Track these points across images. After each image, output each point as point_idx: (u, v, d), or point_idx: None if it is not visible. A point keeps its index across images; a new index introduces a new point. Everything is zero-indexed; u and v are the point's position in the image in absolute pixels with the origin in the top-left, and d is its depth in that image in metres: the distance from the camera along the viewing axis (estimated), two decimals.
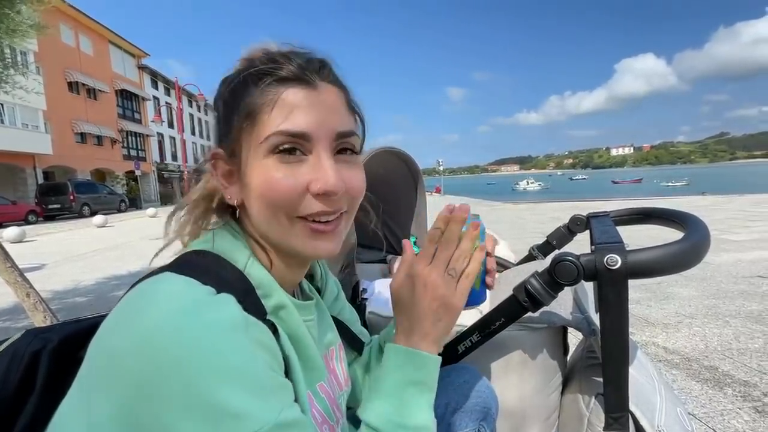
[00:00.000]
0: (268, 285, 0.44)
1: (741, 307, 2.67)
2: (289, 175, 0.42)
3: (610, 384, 0.59)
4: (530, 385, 0.74)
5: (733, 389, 1.73)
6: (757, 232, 5.36)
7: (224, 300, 0.36)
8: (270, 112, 0.41)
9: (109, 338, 0.35)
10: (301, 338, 0.45)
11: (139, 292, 0.37)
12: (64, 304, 3.67)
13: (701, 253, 0.54)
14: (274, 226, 0.43)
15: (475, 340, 0.68)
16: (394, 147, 1.15)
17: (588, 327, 0.71)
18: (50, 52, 18.88)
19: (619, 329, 0.56)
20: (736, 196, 11.95)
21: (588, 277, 0.56)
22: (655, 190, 29.94)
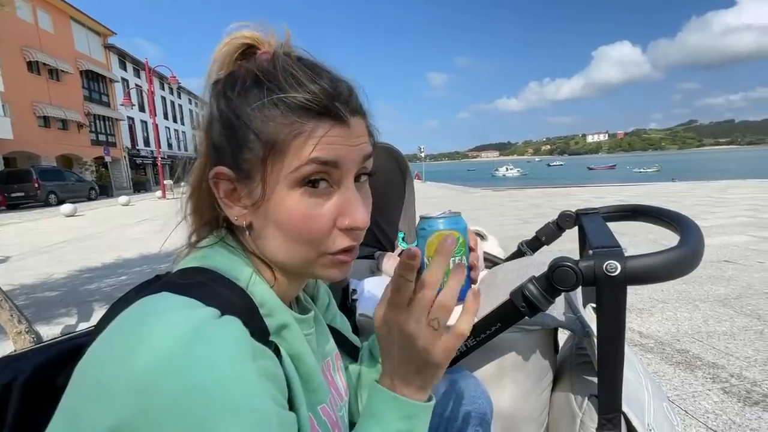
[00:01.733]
0: (272, 303, 0.41)
1: (709, 291, 2.80)
2: (318, 211, 0.40)
3: (605, 387, 0.60)
4: (523, 386, 0.74)
5: (702, 371, 1.82)
6: (723, 217, 5.62)
7: (230, 326, 0.33)
8: (300, 144, 0.39)
9: (100, 369, 0.31)
10: (303, 358, 0.43)
11: (135, 316, 0.33)
12: (33, 299, 3.50)
13: (698, 259, 0.55)
14: (295, 257, 0.42)
15: (469, 345, 0.68)
16: (382, 141, 1.12)
17: (582, 328, 0.72)
18: (5, 28, 17.61)
19: (616, 334, 0.56)
20: (704, 182, 12.50)
21: (586, 283, 0.55)
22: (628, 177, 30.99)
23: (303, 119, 0.39)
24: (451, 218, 0.53)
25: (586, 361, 0.76)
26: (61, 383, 0.38)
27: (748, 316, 2.35)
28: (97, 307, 3.19)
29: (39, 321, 2.87)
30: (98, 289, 3.71)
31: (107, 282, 3.89)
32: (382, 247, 1.29)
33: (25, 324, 2.19)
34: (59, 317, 2.99)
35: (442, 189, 15.66)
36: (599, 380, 0.60)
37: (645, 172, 43.48)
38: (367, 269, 1.23)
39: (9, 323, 2.15)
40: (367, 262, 1.25)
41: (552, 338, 0.79)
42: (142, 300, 0.34)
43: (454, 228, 0.52)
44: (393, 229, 1.25)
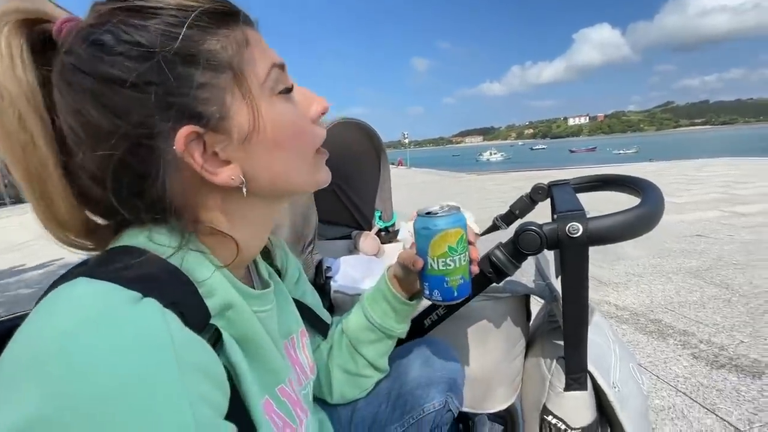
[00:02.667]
0: (212, 282, 0.36)
1: (682, 264, 2.91)
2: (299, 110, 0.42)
3: (570, 347, 0.61)
4: (495, 353, 0.75)
5: (674, 339, 1.89)
6: (698, 194, 5.81)
7: (147, 312, 0.28)
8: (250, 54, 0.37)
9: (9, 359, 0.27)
10: (253, 339, 0.39)
11: (47, 303, 0.29)
12: (6, 297, 3.39)
13: (656, 217, 0.56)
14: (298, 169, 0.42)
15: (441, 314, 0.68)
16: (353, 118, 1.10)
17: (550, 293, 0.73)
18: None
19: (579, 295, 0.57)
20: (680, 162, 12.85)
21: (551, 246, 0.56)
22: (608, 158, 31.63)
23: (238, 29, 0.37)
24: (454, 215, 0.53)
25: (557, 327, 0.78)
26: None
27: (717, 286, 2.45)
28: None
29: None
30: None
31: None
32: (359, 226, 1.29)
33: None
34: None
35: (428, 175, 15.69)
36: (565, 341, 0.61)
37: (624, 153, 44.42)
38: (345, 249, 1.22)
39: None
40: (344, 243, 1.24)
41: (524, 306, 0.80)
42: (57, 288, 0.30)
43: (458, 225, 0.53)
44: (369, 207, 1.24)
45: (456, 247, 0.53)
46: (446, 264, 0.53)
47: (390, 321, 0.62)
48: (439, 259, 0.53)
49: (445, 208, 0.54)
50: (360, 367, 0.62)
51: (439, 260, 0.53)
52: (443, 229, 0.52)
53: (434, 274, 0.54)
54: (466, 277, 0.55)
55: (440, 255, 0.53)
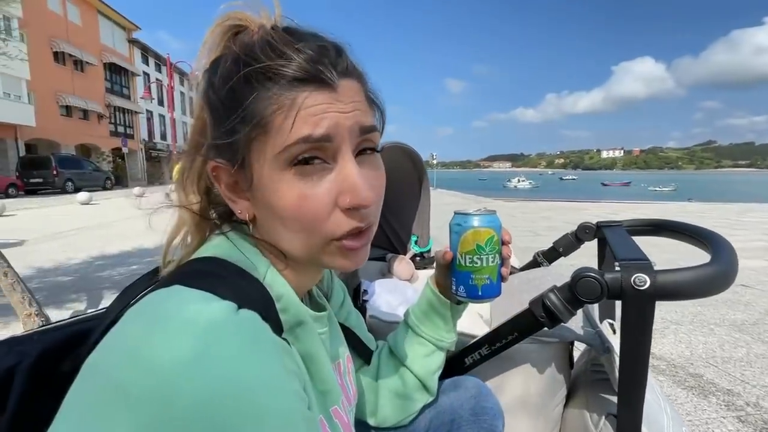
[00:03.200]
0: (288, 298, 0.39)
1: (725, 315, 2.72)
2: (313, 192, 0.37)
3: (625, 406, 0.57)
4: (536, 399, 0.71)
5: (717, 398, 1.75)
6: (740, 240, 5.48)
7: (251, 322, 0.31)
8: (285, 119, 0.35)
9: (113, 368, 0.28)
10: (316, 358, 0.41)
11: (147, 311, 0.31)
12: (45, 283, 3.56)
13: (731, 277, 0.52)
14: (299, 245, 0.39)
15: (483, 353, 0.66)
16: (400, 142, 1.10)
17: (601, 344, 0.69)
18: (35, 19, 18.11)
19: (640, 352, 0.53)
20: (721, 204, 12.22)
21: (612, 296, 0.53)
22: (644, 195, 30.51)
23: (283, 90, 0.35)
24: (487, 216, 0.55)
25: (603, 378, 0.73)
26: (67, 369, 0.36)
27: (765, 343, 2.27)
28: (107, 294, 3.22)
29: (50, 305, 2.91)
30: (109, 276, 3.76)
31: (118, 270, 3.94)
32: (394, 250, 1.28)
33: (36, 307, 2.22)
34: (70, 302, 3.03)
35: (454, 197, 15.60)
36: (619, 400, 0.57)
37: (660, 190, 42.75)
38: (378, 271, 1.21)
39: (20, 305, 2.18)
40: (378, 264, 1.23)
41: (567, 352, 0.77)
42: (154, 294, 0.32)
43: (490, 226, 0.54)
44: (406, 231, 1.23)
45: (484, 246, 0.54)
46: (473, 261, 0.54)
47: (438, 329, 0.62)
48: (467, 256, 0.54)
49: (482, 210, 0.56)
50: (409, 389, 0.61)
51: (467, 256, 0.54)
52: (473, 226, 0.54)
53: (461, 269, 0.55)
54: (494, 279, 0.55)
55: (468, 252, 0.54)
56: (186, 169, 0.42)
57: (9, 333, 2.50)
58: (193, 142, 0.42)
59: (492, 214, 0.55)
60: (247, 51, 0.37)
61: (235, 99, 0.37)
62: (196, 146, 0.42)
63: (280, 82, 0.35)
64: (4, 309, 2.68)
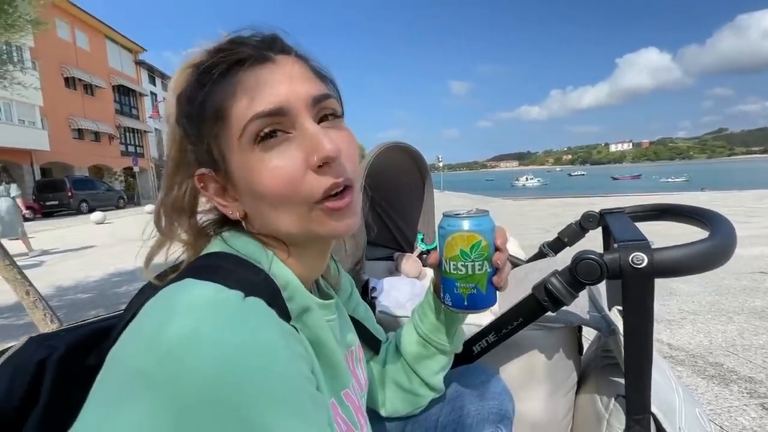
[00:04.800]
0: (294, 286, 0.41)
1: (744, 303, 2.67)
2: (282, 161, 0.38)
3: (632, 386, 0.58)
4: (546, 385, 0.72)
5: (738, 386, 1.72)
6: (758, 227, 5.36)
7: (257, 308, 0.33)
8: (236, 101, 0.38)
9: (133, 356, 0.31)
10: (325, 343, 0.42)
11: (161, 303, 0.34)
12: (65, 301, 3.65)
13: (729, 251, 0.53)
14: (288, 220, 0.40)
15: (491, 341, 0.67)
16: (401, 142, 1.13)
17: (607, 326, 0.70)
18: (46, 47, 18.71)
19: (643, 330, 0.54)
20: (735, 192, 11.96)
21: (612, 276, 0.54)
22: (656, 187, 29.99)
23: (228, 77, 0.38)
24: (475, 218, 0.49)
25: (613, 363, 0.74)
26: (93, 363, 0.39)
27: None
28: None
29: (70, 321, 2.98)
30: (126, 292, 3.84)
31: (134, 285, 4.02)
32: (401, 248, 1.29)
33: (57, 324, 2.28)
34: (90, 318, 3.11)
35: (461, 198, 15.54)
36: (626, 379, 0.58)
37: (673, 181, 41.95)
38: (386, 270, 1.23)
39: (42, 322, 2.25)
40: (386, 263, 1.25)
41: (576, 338, 0.77)
42: (167, 288, 0.35)
43: (476, 230, 0.49)
44: (412, 229, 1.25)
45: (469, 252, 0.49)
46: (457, 269, 0.50)
47: (440, 334, 0.61)
48: (451, 262, 0.50)
49: (472, 211, 0.51)
50: (414, 385, 0.62)
51: (451, 263, 0.50)
52: (457, 230, 0.49)
53: (447, 276, 0.51)
54: (482, 289, 0.50)
55: (452, 258, 0.50)
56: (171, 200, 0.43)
57: None
58: (173, 170, 0.43)
59: (482, 215, 0.50)
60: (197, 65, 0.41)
61: (195, 107, 0.40)
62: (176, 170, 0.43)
63: (224, 72, 0.39)
64: (27, 327, 2.76)
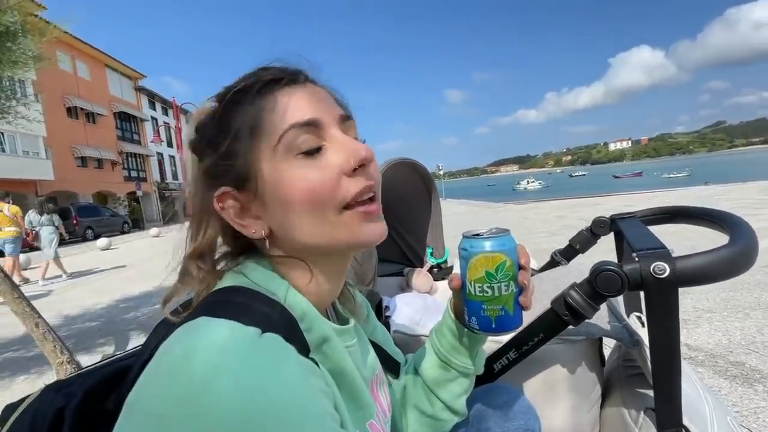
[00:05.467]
0: (311, 315, 0.41)
1: (759, 298, 2.62)
2: (318, 169, 0.40)
3: (662, 398, 0.56)
4: (571, 400, 0.70)
5: (763, 385, 1.68)
6: (766, 219, 5.30)
7: (275, 345, 0.32)
8: (272, 114, 0.40)
9: (151, 400, 0.31)
10: (346, 373, 0.42)
11: (177, 345, 0.33)
12: (73, 330, 3.64)
13: (753, 256, 0.52)
14: (320, 227, 0.41)
15: (512, 358, 0.65)
16: (407, 158, 1.13)
17: (630, 337, 0.68)
18: (48, 79, 19.09)
19: (670, 341, 0.53)
20: (740, 184, 11.88)
21: (633, 287, 0.53)
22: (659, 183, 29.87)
23: (263, 93, 0.41)
24: (498, 238, 0.49)
25: (637, 373, 0.72)
26: (110, 407, 0.38)
27: None
28: (134, 336, 3.28)
29: (80, 350, 2.97)
30: (134, 318, 3.82)
31: (143, 311, 4.01)
32: (410, 263, 1.28)
33: (67, 354, 2.27)
34: (99, 346, 3.09)
35: (464, 205, 15.52)
36: (655, 392, 0.56)
37: (675, 177, 41.78)
38: (397, 286, 1.22)
39: (52, 354, 2.24)
40: (396, 279, 1.24)
41: (597, 349, 0.76)
42: (182, 327, 0.34)
43: (500, 250, 0.48)
44: (421, 244, 1.24)
45: (495, 274, 0.48)
46: (483, 291, 0.49)
47: (461, 356, 0.59)
48: (476, 284, 0.49)
49: (493, 230, 0.51)
50: (436, 410, 0.60)
51: (476, 285, 0.49)
52: (480, 252, 0.48)
53: (472, 299, 0.50)
54: (510, 310, 0.49)
55: (477, 279, 0.49)
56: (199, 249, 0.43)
57: (45, 381, 2.55)
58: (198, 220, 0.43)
59: (504, 234, 0.49)
60: (230, 87, 0.43)
61: (226, 126, 0.41)
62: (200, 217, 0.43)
63: (260, 90, 0.41)
64: (38, 359, 2.75)
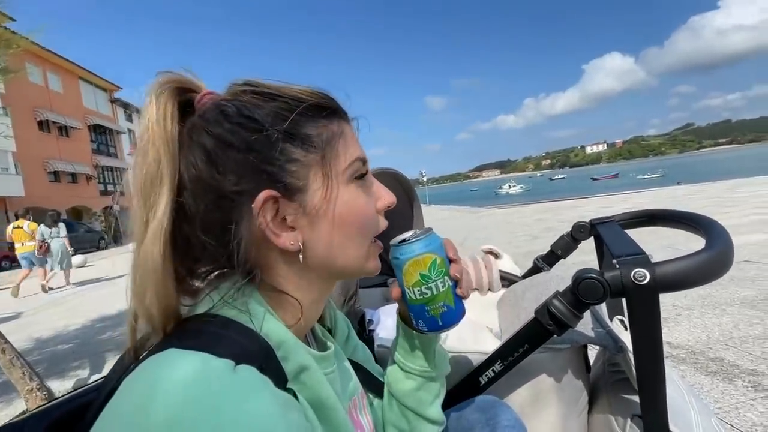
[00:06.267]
0: (289, 344, 0.38)
1: (735, 294, 2.71)
2: (368, 199, 0.45)
3: (648, 405, 0.56)
4: (558, 409, 0.69)
5: (742, 380, 1.72)
6: (736, 217, 5.52)
7: (250, 379, 0.30)
8: (341, 142, 0.43)
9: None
10: (325, 403, 0.39)
11: (142, 379, 0.31)
12: (45, 353, 3.47)
13: (730, 259, 0.52)
14: (359, 251, 0.45)
15: (497, 370, 0.64)
16: (387, 168, 1.12)
17: (614, 343, 0.68)
18: (18, 92, 18.47)
19: (653, 347, 0.52)
20: (710, 183, 12.38)
21: (615, 295, 0.53)
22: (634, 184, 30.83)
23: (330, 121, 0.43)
24: (423, 239, 0.50)
25: (622, 379, 0.72)
26: None
27: None
28: (110, 357, 3.14)
29: (52, 375, 2.83)
30: (110, 338, 3.67)
31: (119, 331, 3.86)
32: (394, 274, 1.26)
33: (37, 381, 2.15)
34: (72, 370, 2.95)
35: (448, 211, 15.66)
36: (641, 399, 0.56)
37: (649, 178, 43.29)
38: (381, 297, 1.20)
39: (21, 381, 2.12)
40: (380, 290, 1.22)
41: (582, 356, 0.75)
42: (149, 360, 0.32)
43: (428, 250, 0.49)
44: None
45: (429, 274, 0.49)
46: (422, 293, 0.50)
47: (419, 360, 0.58)
48: (414, 288, 0.50)
49: (417, 233, 0.52)
50: (411, 423, 0.58)
51: (414, 289, 0.50)
52: (411, 255, 0.49)
53: (414, 303, 0.51)
54: (451, 304, 0.51)
55: (414, 284, 0.50)
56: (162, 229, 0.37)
57: (12, 411, 2.41)
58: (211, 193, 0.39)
59: (428, 235, 0.51)
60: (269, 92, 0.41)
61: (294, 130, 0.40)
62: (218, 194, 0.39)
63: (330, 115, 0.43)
64: (5, 386, 2.59)
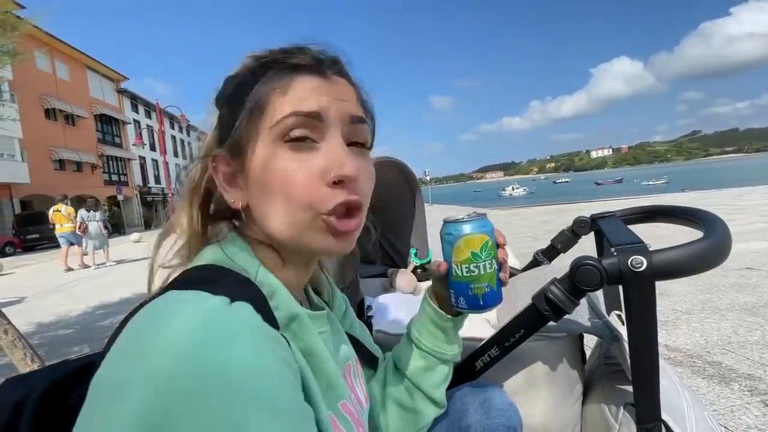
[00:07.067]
0: (281, 295, 0.40)
1: (735, 299, 2.70)
2: (303, 165, 0.39)
3: (641, 393, 0.56)
4: (552, 398, 0.70)
5: (739, 384, 1.72)
6: (740, 224, 5.49)
7: (243, 312, 0.32)
8: (281, 97, 0.40)
9: (112, 371, 0.30)
10: (316, 353, 0.41)
11: (142, 316, 0.32)
12: (46, 338, 3.50)
13: (727, 248, 0.52)
14: (289, 222, 0.40)
15: (493, 355, 0.65)
16: (390, 156, 1.12)
17: (610, 333, 0.68)
18: (25, 79, 18.54)
19: (648, 334, 0.53)
20: (716, 191, 12.31)
21: (612, 281, 0.53)
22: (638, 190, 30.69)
23: (283, 75, 0.40)
24: (478, 221, 0.52)
25: (617, 370, 0.72)
26: (74, 403, 0.36)
27: None
28: None
29: (52, 359, 2.85)
30: (111, 325, 3.70)
31: (119, 318, 3.87)
32: (394, 264, 1.27)
33: (38, 363, 2.18)
34: (72, 354, 2.98)
35: (452, 211, 15.66)
36: (634, 387, 0.57)
37: (654, 184, 43.05)
38: (380, 287, 1.20)
39: (22, 362, 2.14)
40: (380, 280, 1.23)
41: (578, 347, 0.76)
42: (149, 303, 0.33)
43: (482, 231, 0.52)
44: (405, 245, 1.24)
45: (480, 254, 0.51)
46: (470, 270, 0.51)
47: (439, 342, 0.60)
48: (463, 265, 0.52)
49: (472, 214, 0.54)
50: (416, 402, 0.59)
51: (463, 266, 0.52)
52: (466, 234, 0.51)
53: (459, 280, 0.53)
54: (494, 286, 0.52)
55: (464, 261, 0.51)
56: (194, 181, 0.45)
57: None
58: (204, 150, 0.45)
59: (483, 217, 0.53)
60: (258, 55, 0.43)
61: (240, 90, 0.41)
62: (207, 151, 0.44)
63: (281, 70, 0.41)
64: (7, 368, 2.63)
